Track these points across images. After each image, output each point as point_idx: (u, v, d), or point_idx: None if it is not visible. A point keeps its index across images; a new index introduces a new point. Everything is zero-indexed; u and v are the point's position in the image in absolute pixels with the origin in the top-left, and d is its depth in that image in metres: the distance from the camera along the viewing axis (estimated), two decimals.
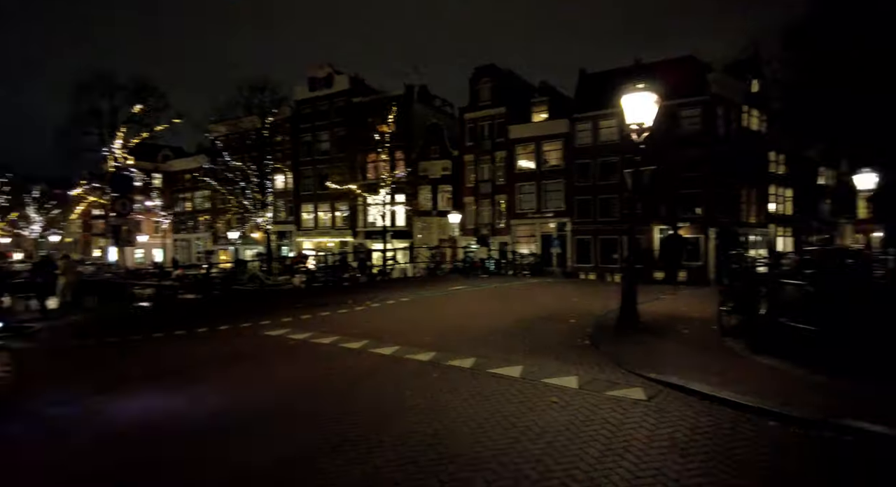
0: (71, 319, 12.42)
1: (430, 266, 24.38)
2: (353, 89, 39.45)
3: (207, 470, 3.80)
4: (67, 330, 10.90)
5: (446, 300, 13.51)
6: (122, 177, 15.30)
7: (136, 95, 34.19)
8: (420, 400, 5.12)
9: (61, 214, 51.32)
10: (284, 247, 42.55)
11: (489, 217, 34.62)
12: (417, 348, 7.36)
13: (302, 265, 23.45)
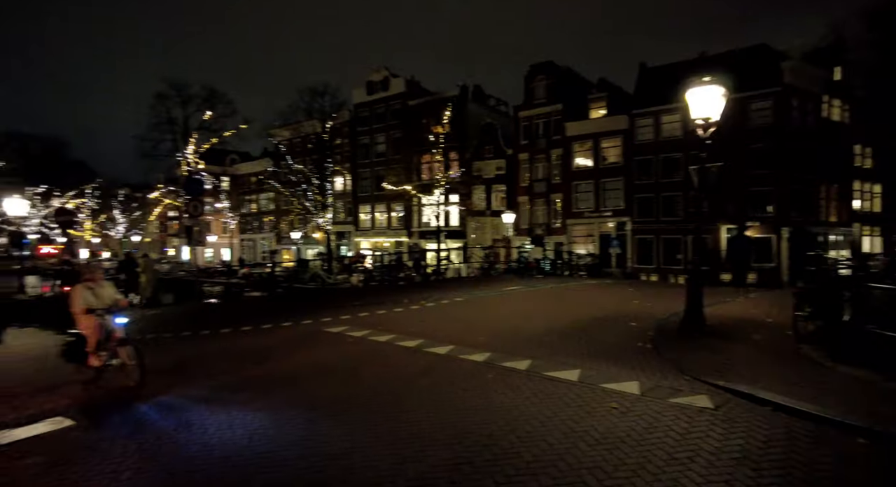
0: (150, 314, 13.39)
1: (484, 266, 24.32)
2: (408, 92, 40.05)
3: None
4: (148, 324, 11.75)
5: (500, 300, 13.43)
6: (193, 180, 16.27)
7: (207, 103, 36.46)
8: (475, 401, 5.12)
9: (141, 216, 55.42)
10: (343, 247, 43.85)
11: (544, 216, 34.09)
12: (472, 348, 7.36)
13: (360, 264, 24.07)
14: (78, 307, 6.13)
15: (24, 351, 9.39)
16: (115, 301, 6.40)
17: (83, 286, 6.25)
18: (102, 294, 6.33)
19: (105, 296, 6.33)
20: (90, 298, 6.16)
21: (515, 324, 9.34)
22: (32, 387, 6.44)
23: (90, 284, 6.32)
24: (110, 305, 6.24)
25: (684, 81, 8.16)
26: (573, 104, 32.88)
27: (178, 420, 4.88)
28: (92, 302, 6.14)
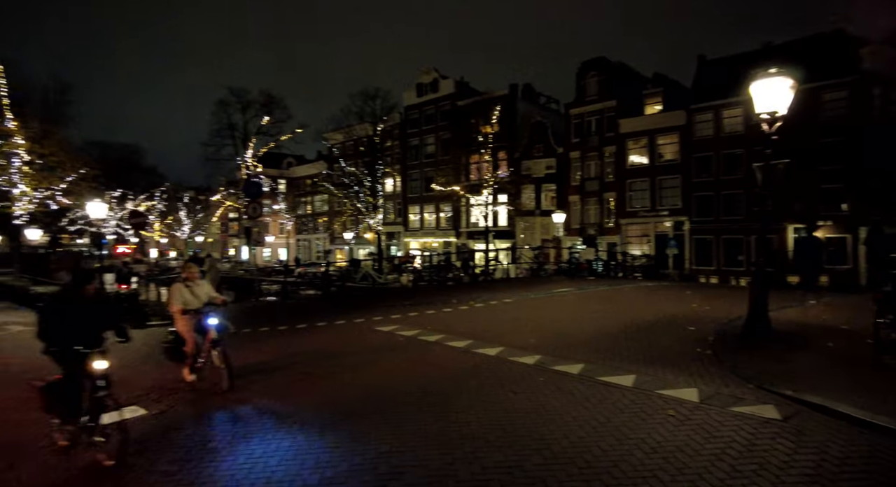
0: None
1: (533, 267, 23.99)
2: (457, 92, 40.17)
3: None
4: None
5: (551, 302, 13.22)
6: (252, 183, 17.01)
7: (264, 108, 38.04)
8: (526, 404, 5.07)
9: (205, 217, 58.55)
10: (393, 247, 44.55)
11: (596, 216, 33.26)
12: (522, 350, 7.29)
13: (409, 264, 24.35)
14: (174, 306, 5.99)
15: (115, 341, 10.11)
16: (212, 299, 6.17)
17: (180, 284, 6.07)
18: (199, 292, 6.12)
19: (202, 295, 6.13)
20: (187, 297, 5.98)
21: (567, 327, 9.17)
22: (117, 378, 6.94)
23: (187, 282, 6.10)
24: (206, 304, 6.07)
25: (747, 73, 7.76)
26: (627, 100, 31.90)
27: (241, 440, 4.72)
28: (189, 300, 5.98)
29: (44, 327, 4.23)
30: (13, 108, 23.69)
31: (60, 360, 4.20)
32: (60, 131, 27.66)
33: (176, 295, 6.02)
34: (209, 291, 6.26)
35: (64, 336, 4.12)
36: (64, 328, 4.14)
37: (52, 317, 4.24)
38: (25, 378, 6.76)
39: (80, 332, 4.20)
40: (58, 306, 4.34)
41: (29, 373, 7.61)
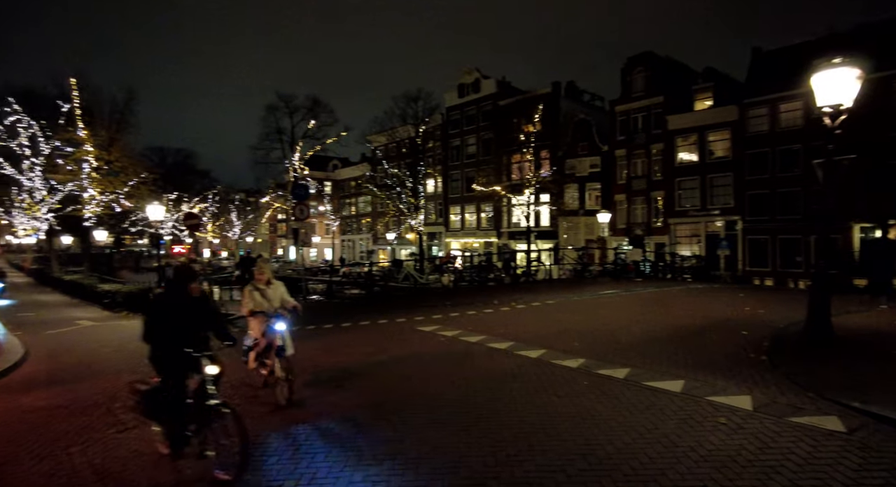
0: None
1: (577, 268, 23.53)
2: (499, 92, 39.99)
3: None
4: None
5: (595, 304, 12.94)
6: (299, 186, 17.50)
7: (311, 112, 39.18)
8: (569, 408, 4.99)
9: (254, 218, 60.81)
10: (434, 247, 44.83)
11: (643, 215, 32.31)
12: (565, 353, 7.18)
13: (450, 265, 24.42)
14: (244, 308, 5.79)
15: None
16: (284, 303, 5.82)
17: (252, 285, 5.79)
18: (272, 295, 5.80)
19: (274, 298, 5.80)
20: (258, 298, 5.69)
21: (612, 330, 8.96)
22: None
23: (259, 283, 5.81)
24: (278, 307, 5.76)
25: (808, 64, 7.33)
26: (675, 96, 30.84)
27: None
28: (261, 303, 5.67)
29: (150, 328, 3.89)
30: (83, 117, 25.41)
31: (167, 365, 3.85)
32: (124, 138, 29.43)
33: (247, 297, 5.83)
34: (283, 294, 5.93)
35: (171, 338, 3.80)
36: (171, 330, 3.82)
37: (158, 318, 3.91)
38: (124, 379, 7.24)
39: (186, 334, 3.88)
40: (164, 306, 4.03)
41: (105, 370, 8.16)
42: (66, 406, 5.93)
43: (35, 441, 4.79)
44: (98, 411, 5.63)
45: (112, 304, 17.34)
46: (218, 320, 4.33)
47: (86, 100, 26.18)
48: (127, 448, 4.48)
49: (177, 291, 4.07)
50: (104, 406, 5.77)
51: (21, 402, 6.26)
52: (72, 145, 25.59)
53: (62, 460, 4.28)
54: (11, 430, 5.15)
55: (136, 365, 7.99)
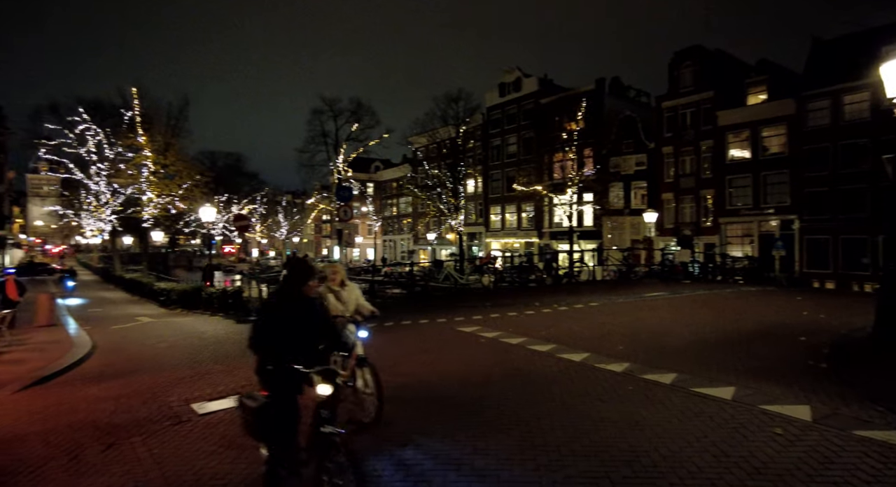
0: None
1: (622, 269, 22.95)
2: (541, 90, 39.51)
3: None
4: None
5: (641, 307, 12.58)
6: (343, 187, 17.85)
7: (354, 115, 39.96)
8: (613, 413, 4.87)
9: (300, 219, 62.56)
10: (474, 248, 44.78)
11: (692, 215, 31.16)
12: (609, 357, 7.02)
13: (491, 265, 24.33)
14: None
15: (222, 335, 11.16)
16: (360, 307, 5.16)
17: (325, 287, 5.11)
18: (347, 298, 5.14)
19: (350, 302, 5.15)
20: (333, 302, 5.05)
21: (658, 334, 8.69)
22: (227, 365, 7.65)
23: (333, 285, 5.13)
24: (353, 312, 5.13)
25: (875, 53, 6.87)
26: (726, 90, 29.56)
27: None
28: (335, 306, 5.03)
29: (259, 336, 3.30)
30: (143, 124, 26.92)
31: (273, 380, 3.25)
32: (178, 143, 30.94)
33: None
34: (359, 298, 5.25)
35: (281, 349, 3.23)
36: (280, 338, 3.26)
37: (269, 324, 3.33)
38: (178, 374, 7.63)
39: (300, 345, 3.31)
40: (276, 309, 3.44)
41: (162, 365, 8.60)
42: (128, 397, 6.29)
43: (103, 429, 5.11)
44: (155, 403, 5.94)
45: (167, 301, 18.27)
46: (333, 326, 3.73)
47: (145, 108, 27.71)
48: (182, 440, 4.70)
49: (290, 292, 3.43)
50: (161, 399, 6.09)
51: (89, 392, 6.70)
52: (132, 150, 27.17)
53: (125, 449, 4.54)
54: (82, 418, 5.52)
55: (190, 360, 8.39)
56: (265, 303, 3.89)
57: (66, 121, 27.42)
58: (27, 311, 13.74)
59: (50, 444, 4.77)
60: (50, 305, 13.92)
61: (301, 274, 3.43)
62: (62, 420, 5.50)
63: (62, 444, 4.74)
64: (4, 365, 8.37)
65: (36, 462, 4.35)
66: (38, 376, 7.53)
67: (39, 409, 6.01)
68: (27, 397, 6.65)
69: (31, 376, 7.53)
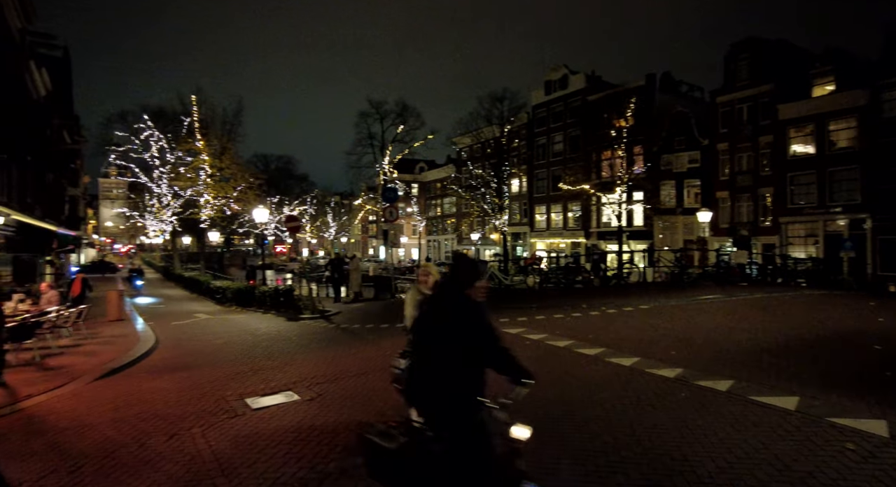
0: (355, 307, 15.35)
1: (674, 270, 22.10)
2: (588, 87, 38.69)
3: None
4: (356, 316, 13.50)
5: (695, 310, 12.09)
6: (389, 189, 18.17)
7: (400, 117, 40.47)
8: (665, 420, 4.71)
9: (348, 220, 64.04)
10: (519, 248, 44.39)
11: (749, 214, 29.63)
12: (660, 362, 6.79)
13: (536, 266, 24.03)
14: (407, 315, 4.58)
15: (274, 333, 11.59)
16: None
17: (415, 290, 4.56)
18: None
19: None
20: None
21: (713, 338, 8.32)
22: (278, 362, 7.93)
23: (423, 287, 4.48)
24: None
25: None
26: (787, 82, 27.92)
27: None
28: None
29: (416, 343, 2.84)
30: (201, 130, 28.35)
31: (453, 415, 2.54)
32: (233, 147, 32.35)
33: (411, 305, 4.48)
34: None
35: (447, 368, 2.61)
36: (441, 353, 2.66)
37: (427, 329, 2.80)
38: (234, 369, 7.98)
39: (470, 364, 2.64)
40: (434, 314, 2.84)
41: (218, 360, 9.01)
42: (188, 389, 6.63)
43: (166, 419, 5.41)
44: (213, 396, 6.23)
45: (223, 299, 19.11)
46: (502, 346, 2.84)
47: (203, 114, 29.15)
48: (237, 433, 4.91)
49: (453, 294, 2.82)
50: (217, 393, 6.38)
51: (154, 384, 7.10)
52: (191, 155, 28.64)
53: (186, 439, 4.79)
54: (147, 409, 5.86)
55: (244, 356, 8.74)
56: (425, 309, 2.95)
57: (133, 128, 29.25)
58: (99, 306, 14.75)
59: (121, 431, 5.09)
60: (119, 302, 14.86)
61: (469, 273, 2.93)
62: (131, 409, 5.87)
63: (131, 432, 5.05)
64: (81, 357, 9.01)
65: (109, 447, 4.66)
66: (110, 368, 8.06)
67: (111, 398, 6.44)
68: (100, 387, 7.13)
69: (104, 368, 8.07)
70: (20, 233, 17.51)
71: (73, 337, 10.94)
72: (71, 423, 5.46)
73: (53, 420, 5.60)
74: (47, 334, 9.70)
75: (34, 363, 8.43)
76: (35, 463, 4.37)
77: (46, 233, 20.95)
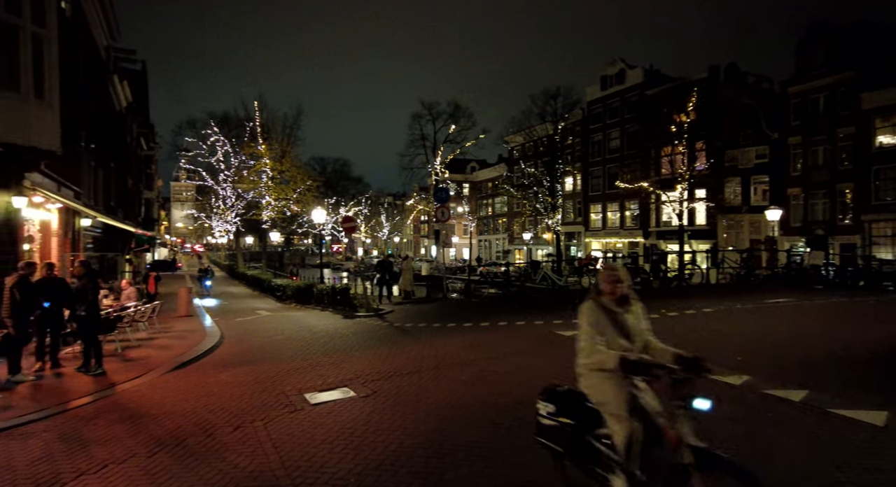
0: (407, 307, 15.55)
1: (740, 272, 20.94)
2: (647, 81, 37.31)
3: None
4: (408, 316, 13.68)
5: (763, 314, 11.37)
6: (441, 189, 18.28)
7: (452, 118, 40.67)
8: (736, 428, 4.45)
9: (401, 220, 65.07)
10: (573, 248, 43.47)
11: (825, 212, 27.55)
12: (725, 368, 6.42)
13: (591, 266, 23.45)
14: (588, 356, 2.83)
15: (331, 330, 11.96)
16: (651, 347, 2.87)
17: (594, 303, 2.91)
18: (634, 325, 2.89)
19: (638, 332, 2.89)
20: (611, 334, 2.83)
21: (784, 344, 7.80)
22: (335, 358, 8.15)
23: (607, 300, 2.91)
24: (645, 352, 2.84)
25: None
26: (871, 69, 25.72)
27: None
28: (615, 341, 2.80)
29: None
30: (262, 134, 29.71)
31: None
32: (293, 150, 33.65)
33: (589, 330, 2.84)
34: (646, 328, 2.97)
35: None
36: None
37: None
38: (293, 365, 8.30)
39: None
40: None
41: (279, 356, 9.38)
42: (251, 384, 6.94)
43: (231, 411, 5.69)
44: (274, 391, 6.49)
45: (283, 297, 19.90)
46: None
47: (264, 119, 30.55)
48: (297, 427, 5.08)
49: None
50: (278, 387, 6.64)
51: (220, 377, 7.50)
52: (253, 158, 30.07)
53: (249, 431, 5.01)
54: (214, 401, 6.19)
55: (303, 352, 9.06)
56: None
57: (201, 134, 31.08)
58: (171, 302, 15.75)
59: (191, 421, 5.41)
60: (188, 298, 15.82)
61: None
62: (199, 401, 6.22)
63: (200, 422, 5.35)
64: (155, 350, 9.66)
65: (181, 436, 4.96)
66: (181, 361, 8.59)
67: (182, 390, 6.85)
68: (173, 378, 7.61)
69: (175, 361, 8.61)
70: (105, 233, 19.00)
71: (149, 330, 11.75)
72: (148, 411, 5.85)
73: (133, 408, 6.03)
74: (127, 327, 10.46)
75: (117, 354, 9.12)
76: (118, 447, 4.72)
77: (126, 233, 22.62)
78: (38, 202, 10.48)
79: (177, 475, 4.07)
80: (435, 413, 5.30)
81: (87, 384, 7.11)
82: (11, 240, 9.17)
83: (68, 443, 4.89)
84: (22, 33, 8.23)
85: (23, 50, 8.25)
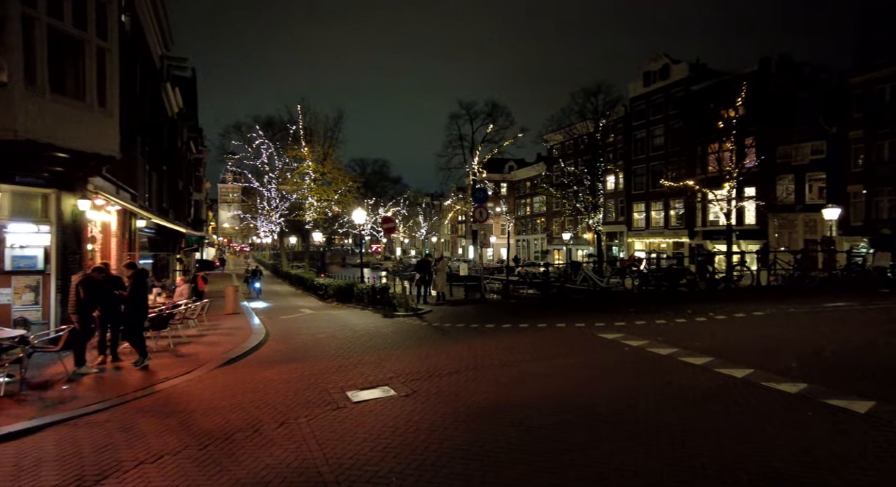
0: (443, 308, 15.59)
1: (794, 274, 19.88)
2: (692, 76, 36.04)
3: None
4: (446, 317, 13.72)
5: (820, 318, 10.77)
6: (478, 190, 18.29)
7: (489, 117, 40.49)
8: (788, 440, 4.24)
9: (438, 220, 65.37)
10: (614, 248, 42.48)
11: (890, 210, 25.83)
12: (779, 375, 6.13)
13: (634, 267, 22.84)
14: None
15: (372, 328, 12.15)
16: None
17: None
18: None
19: None
20: None
21: (845, 351, 7.37)
22: (375, 357, 8.28)
23: None
24: None
25: None
26: None
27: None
28: None
29: None
30: (305, 137, 30.48)
31: None
32: (334, 153, 34.38)
33: None
34: None
35: None
36: None
37: None
38: (336, 363, 8.48)
39: None
40: None
41: (322, 354, 9.59)
42: (295, 381, 7.13)
43: (276, 407, 5.86)
44: (317, 388, 6.64)
45: (325, 295, 20.35)
46: None
47: (307, 122, 31.32)
48: (339, 424, 5.18)
49: None
50: (321, 385, 6.79)
51: (265, 374, 7.73)
52: (297, 161, 30.90)
53: (294, 428, 5.15)
54: (260, 397, 6.39)
55: (344, 350, 9.23)
56: None
57: (247, 138, 32.19)
58: (219, 299, 16.37)
59: (238, 416, 5.60)
60: (235, 297, 16.40)
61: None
62: (246, 397, 6.43)
63: (246, 418, 5.54)
64: (204, 346, 10.06)
65: (229, 430, 5.14)
66: (228, 357, 8.91)
67: (230, 385, 7.11)
68: (221, 374, 7.90)
69: (223, 357, 8.94)
70: (158, 233, 19.95)
71: (198, 327, 12.25)
72: (198, 406, 6.11)
73: (184, 402, 6.30)
74: (178, 324, 10.95)
75: (169, 350, 9.55)
76: (171, 439, 4.95)
77: (177, 233, 23.67)
78: (100, 204, 11.11)
79: (226, 468, 4.22)
80: (475, 415, 5.29)
81: (144, 378, 7.49)
82: (77, 240, 9.76)
83: (128, 433, 5.17)
84: (87, 46, 8.74)
85: (88, 62, 8.75)
